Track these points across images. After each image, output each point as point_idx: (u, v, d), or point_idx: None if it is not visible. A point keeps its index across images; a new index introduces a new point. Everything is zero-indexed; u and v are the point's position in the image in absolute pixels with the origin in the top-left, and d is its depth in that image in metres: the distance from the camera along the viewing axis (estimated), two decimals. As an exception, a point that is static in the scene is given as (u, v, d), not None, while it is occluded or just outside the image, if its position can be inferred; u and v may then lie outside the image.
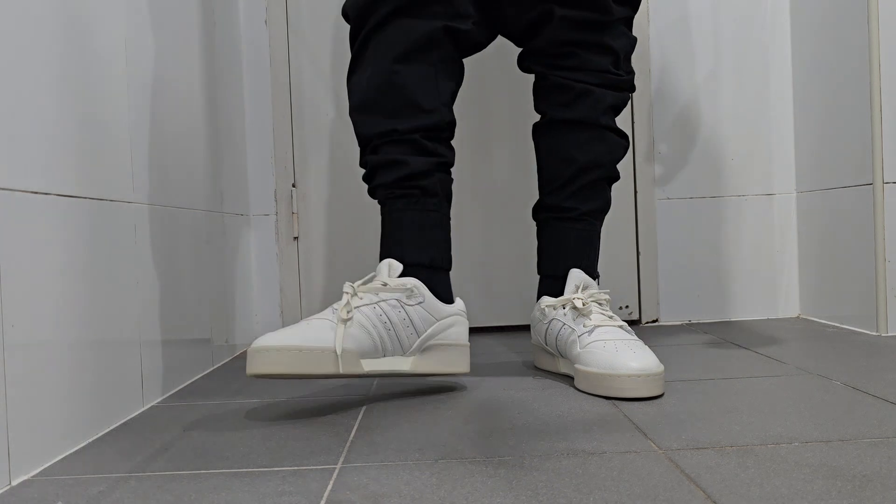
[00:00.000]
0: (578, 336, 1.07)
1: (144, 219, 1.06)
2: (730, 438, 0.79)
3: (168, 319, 1.14)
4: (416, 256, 1.07)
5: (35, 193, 0.79)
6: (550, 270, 1.19)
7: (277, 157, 1.66)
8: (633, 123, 1.67)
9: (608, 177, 1.19)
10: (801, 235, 1.69)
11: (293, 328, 0.95)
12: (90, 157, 0.92)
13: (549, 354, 1.17)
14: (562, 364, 1.14)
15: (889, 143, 1.39)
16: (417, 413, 0.95)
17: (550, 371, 1.18)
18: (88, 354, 0.89)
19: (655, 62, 1.68)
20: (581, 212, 1.18)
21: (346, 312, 0.97)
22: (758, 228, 1.70)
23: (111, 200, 0.96)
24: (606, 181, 1.20)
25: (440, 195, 1.10)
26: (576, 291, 1.12)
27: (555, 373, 1.17)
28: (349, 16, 1.11)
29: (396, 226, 1.09)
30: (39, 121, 0.81)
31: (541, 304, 1.17)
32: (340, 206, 1.67)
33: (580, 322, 1.08)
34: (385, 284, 1.02)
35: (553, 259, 1.19)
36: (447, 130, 1.12)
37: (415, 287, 1.03)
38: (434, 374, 1.06)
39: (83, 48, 0.91)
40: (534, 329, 1.20)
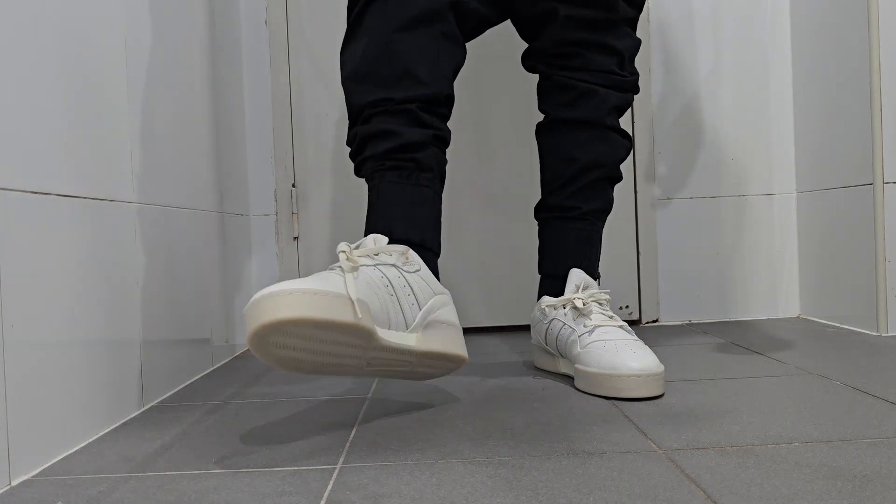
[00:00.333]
0: (579, 336, 1.07)
1: (145, 219, 1.06)
2: (730, 438, 0.79)
3: (168, 319, 1.14)
4: (406, 233, 0.98)
5: (35, 193, 0.79)
6: (551, 270, 1.19)
7: (277, 157, 1.66)
8: (634, 124, 1.67)
9: (610, 177, 1.19)
10: (802, 235, 1.69)
11: (294, 280, 0.79)
12: (90, 157, 0.91)
13: (550, 354, 1.17)
14: (562, 364, 1.14)
15: (889, 143, 1.39)
16: (417, 413, 0.95)
17: (550, 371, 1.18)
18: (88, 354, 0.89)
19: (656, 62, 1.68)
20: (583, 211, 1.18)
21: (350, 266, 0.85)
22: (758, 228, 1.70)
23: (111, 200, 0.96)
24: (608, 181, 1.20)
25: (434, 171, 1.03)
26: (576, 291, 1.12)
27: (555, 373, 1.17)
28: None
29: (385, 200, 1.00)
30: (39, 121, 0.81)
31: (541, 304, 1.17)
32: (340, 206, 1.67)
33: (580, 322, 1.08)
34: (377, 255, 0.91)
35: (554, 259, 1.19)
36: (445, 105, 1.05)
37: (408, 252, 0.93)
38: (437, 356, 0.93)
39: (83, 48, 0.91)
40: (534, 329, 1.20)
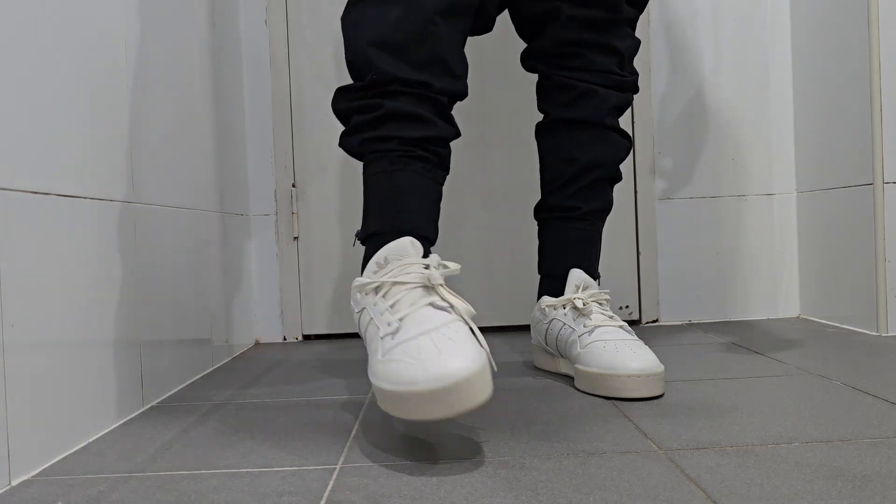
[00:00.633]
0: (579, 336, 1.07)
1: (144, 219, 1.06)
2: (730, 438, 0.79)
3: (168, 319, 1.14)
4: (426, 231, 0.93)
5: (35, 193, 0.79)
6: (551, 270, 1.19)
7: (277, 157, 1.66)
8: (634, 123, 1.67)
9: (610, 177, 1.19)
10: (802, 235, 1.69)
11: (464, 344, 0.72)
12: (90, 157, 0.91)
13: (550, 354, 1.17)
14: (562, 364, 1.14)
15: (889, 143, 1.39)
16: (417, 413, 0.95)
17: (550, 371, 1.18)
18: (88, 354, 0.89)
19: (656, 62, 1.68)
20: (583, 211, 1.18)
21: (467, 311, 0.79)
22: (758, 228, 1.70)
23: (111, 200, 0.96)
24: (608, 181, 1.20)
25: (447, 172, 0.99)
26: (576, 291, 1.12)
27: (555, 373, 1.17)
28: None
29: (408, 191, 0.92)
30: (39, 121, 0.81)
31: (541, 304, 1.17)
32: (340, 206, 1.67)
33: (580, 322, 1.08)
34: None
35: (554, 259, 1.19)
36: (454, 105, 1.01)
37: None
38: None
39: (83, 48, 0.91)
40: (534, 329, 1.20)
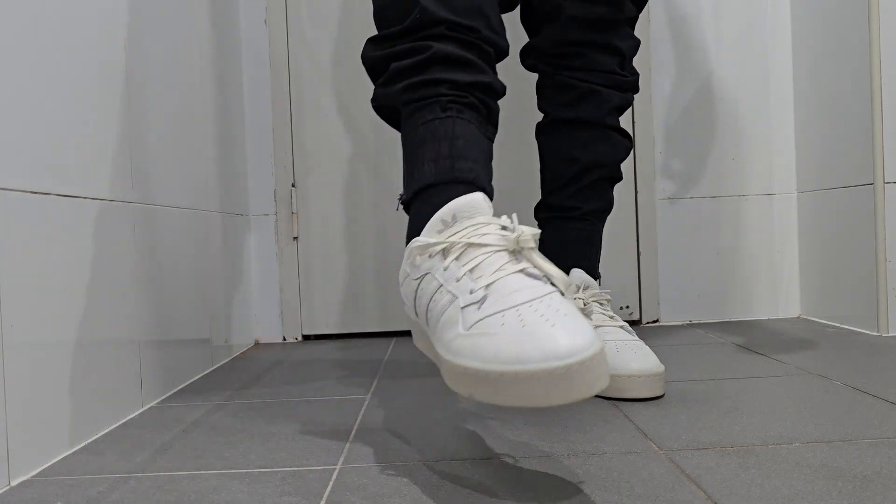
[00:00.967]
0: (579, 336, 1.07)
1: (144, 219, 1.06)
2: (730, 439, 0.79)
3: (167, 319, 1.14)
4: (490, 191, 0.82)
5: (35, 193, 0.79)
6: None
7: (277, 157, 1.66)
8: (634, 123, 1.67)
9: (611, 177, 1.19)
10: (802, 235, 1.69)
11: (582, 323, 0.60)
12: (90, 157, 0.91)
13: (550, 354, 1.17)
14: (562, 364, 1.14)
15: (890, 143, 1.39)
16: (417, 413, 0.95)
17: (551, 371, 1.18)
18: (88, 354, 0.89)
19: (656, 62, 1.68)
20: (583, 211, 1.18)
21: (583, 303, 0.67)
22: (758, 228, 1.70)
23: (111, 200, 0.96)
24: (609, 181, 1.19)
25: (496, 131, 0.88)
26: (577, 292, 1.12)
27: (555, 373, 1.17)
28: None
29: (465, 139, 0.81)
30: (39, 121, 0.80)
31: (541, 305, 1.16)
32: (340, 206, 1.67)
33: (581, 322, 1.08)
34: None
35: (554, 259, 1.17)
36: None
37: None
38: None
39: (83, 48, 0.91)
40: (534, 329, 1.20)
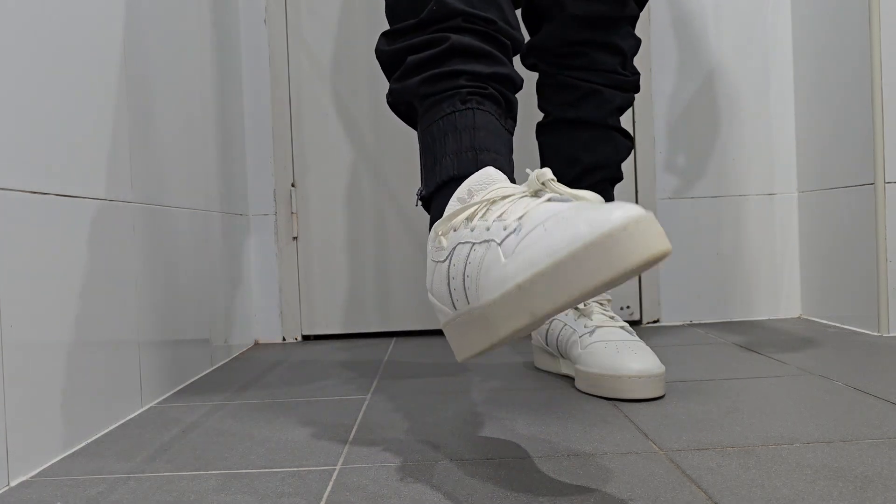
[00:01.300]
0: (579, 336, 1.07)
1: (144, 219, 1.06)
2: (731, 439, 0.78)
3: (167, 320, 1.14)
4: (511, 175, 0.80)
5: (35, 193, 0.79)
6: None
7: (277, 157, 1.66)
8: (635, 123, 1.67)
9: (612, 177, 1.19)
10: (803, 235, 1.68)
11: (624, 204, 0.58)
12: (90, 157, 0.91)
13: (550, 355, 1.17)
14: (563, 365, 1.14)
15: (891, 143, 1.39)
16: (417, 413, 0.95)
17: (551, 372, 1.18)
18: (87, 355, 0.89)
19: (657, 61, 1.68)
20: (585, 211, 1.17)
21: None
22: (759, 228, 1.70)
23: (111, 200, 0.96)
24: (610, 182, 1.19)
25: (515, 125, 0.88)
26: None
27: (555, 374, 1.17)
28: None
29: (486, 130, 0.80)
30: (39, 121, 0.80)
31: (542, 305, 1.16)
32: (340, 206, 1.67)
33: (581, 322, 1.08)
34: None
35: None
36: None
37: None
38: None
39: (82, 48, 0.91)
40: (535, 329, 1.20)
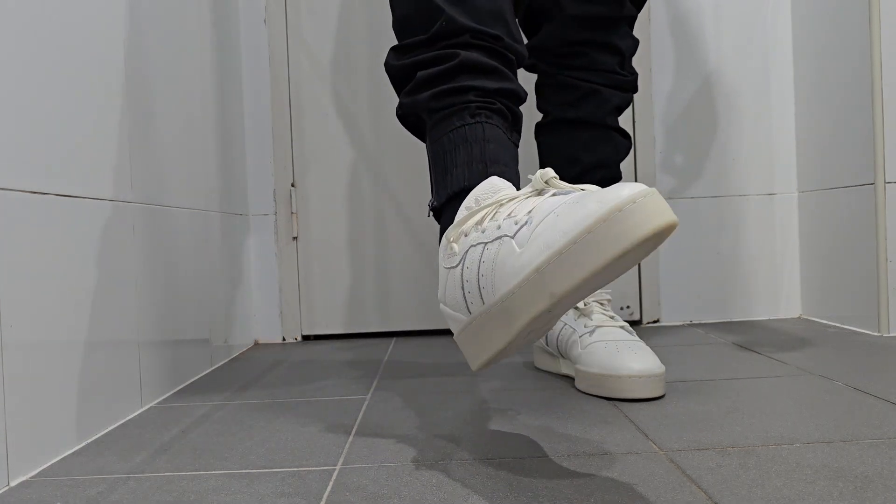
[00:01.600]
0: (579, 336, 1.07)
1: (144, 219, 1.06)
2: (731, 439, 0.78)
3: (167, 320, 1.14)
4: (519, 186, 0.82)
5: (35, 193, 0.79)
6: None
7: (277, 157, 1.66)
8: (634, 123, 1.67)
9: (612, 177, 1.19)
10: (803, 235, 1.68)
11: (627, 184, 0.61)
12: (90, 157, 0.91)
13: (550, 355, 1.17)
14: (563, 365, 1.14)
15: (891, 143, 1.39)
16: (417, 413, 0.95)
17: (551, 372, 1.18)
18: (87, 355, 0.89)
19: (657, 61, 1.68)
20: (585, 211, 1.17)
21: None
22: (759, 228, 1.70)
23: (111, 200, 0.96)
24: (610, 182, 1.19)
25: (519, 137, 0.90)
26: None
27: (555, 373, 1.17)
28: None
29: (496, 142, 0.82)
30: (39, 121, 0.80)
31: (541, 305, 1.16)
32: (340, 206, 1.67)
33: (581, 322, 1.08)
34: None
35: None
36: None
37: None
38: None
39: (83, 48, 0.91)
40: (534, 329, 1.20)
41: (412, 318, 1.67)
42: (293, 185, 1.66)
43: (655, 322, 1.69)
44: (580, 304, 1.09)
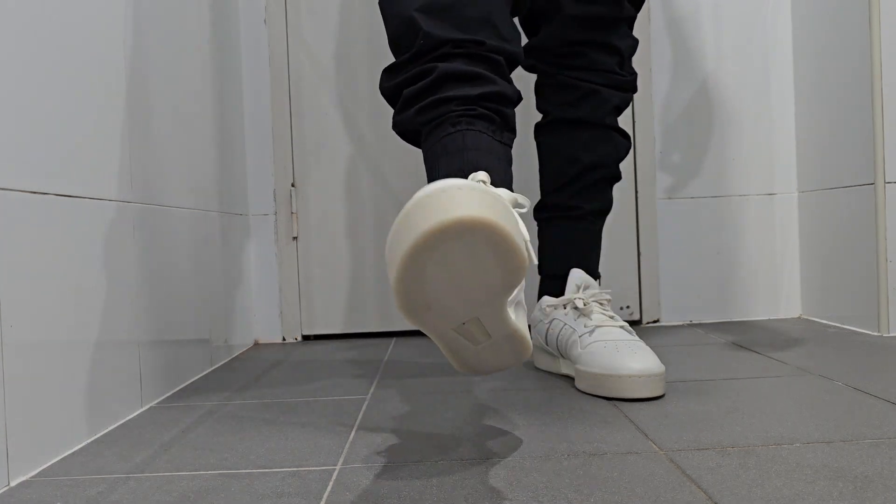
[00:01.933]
0: (579, 336, 1.07)
1: (144, 219, 1.06)
2: (731, 439, 0.78)
3: (167, 320, 1.14)
4: (506, 186, 0.82)
5: (35, 193, 0.79)
6: (552, 270, 1.18)
7: (277, 157, 1.66)
8: (635, 123, 1.66)
9: (611, 177, 1.19)
10: (803, 235, 1.68)
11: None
12: (90, 157, 0.91)
13: (550, 355, 1.17)
14: (563, 365, 1.14)
15: (891, 143, 1.39)
16: (417, 413, 0.95)
17: (551, 372, 1.18)
18: (87, 355, 0.89)
19: (656, 62, 1.68)
20: (584, 211, 1.18)
21: (513, 200, 0.72)
22: (759, 228, 1.70)
23: (111, 200, 0.96)
24: (609, 181, 1.20)
25: (514, 135, 0.91)
26: (577, 291, 1.12)
27: (555, 373, 1.17)
28: None
29: (476, 148, 0.83)
30: (39, 121, 0.80)
31: (542, 304, 1.16)
32: (340, 206, 1.67)
33: (581, 322, 1.08)
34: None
35: (554, 259, 1.19)
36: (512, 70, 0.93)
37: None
38: (520, 340, 0.76)
39: (82, 48, 0.91)
40: (534, 329, 1.20)
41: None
42: (293, 185, 1.66)
43: (655, 322, 1.69)
44: (580, 305, 1.09)
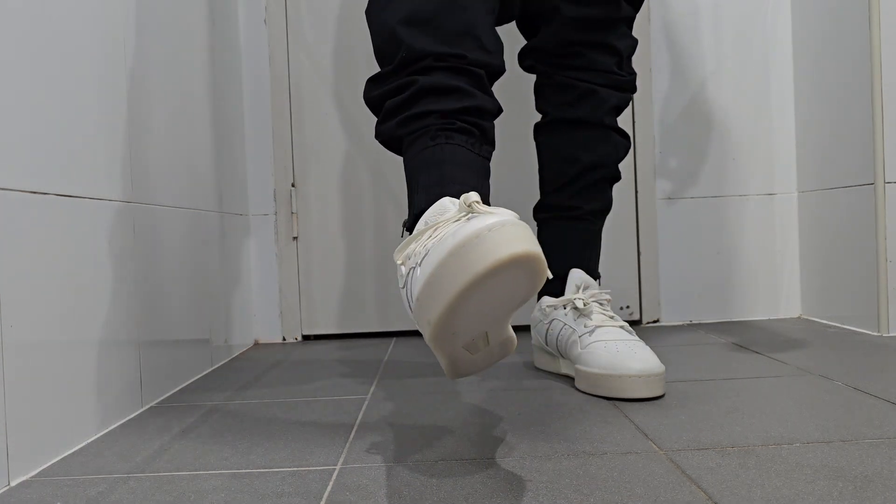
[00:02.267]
0: (579, 336, 1.07)
1: (144, 219, 1.06)
2: (731, 439, 0.78)
3: (167, 320, 1.14)
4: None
5: (35, 193, 0.79)
6: (551, 270, 1.18)
7: (277, 157, 1.66)
8: (634, 123, 1.66)
9: (611, 177, 1.19)
10: (803, 235, 1.68)
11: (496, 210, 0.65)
12: (90, 157, 0.91)
13: (550, 355, 1.17)
14: (563, 365, 1.14)
15: (890, 143, 1.39)
16: (417, 413, 0.95)
17: (551, 372, 1.18)
18: (87, 355, 0.89)
19: (656, 62, 1.68)
20: (584, 211, 1.18)
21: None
22: (759, 228, 1.70)
23: (111, 200, 0.96)
24: (609, 181, 1.20)
25: (493, 148, 0.92)
26: (577, 291, 1.12)
27: (555, 373, 1.17)
28: None
29: (455, 163, 0.85)
30: (39, 122, 0.80)
31: (541, 305, 1.16)
32: (340, 206, 1.67)
33: (581, 322, 1.08)
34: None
35: (554, 259, 1.18)
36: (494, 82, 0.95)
37: None
38: (507, 342, 0.79)
39: (82, 48, 0.91)
40: (534, 329, 1.20)
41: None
42: (293, 185, 1.66)
43: (655, 322, 1.69)
44: (580, 305, 1.09)
